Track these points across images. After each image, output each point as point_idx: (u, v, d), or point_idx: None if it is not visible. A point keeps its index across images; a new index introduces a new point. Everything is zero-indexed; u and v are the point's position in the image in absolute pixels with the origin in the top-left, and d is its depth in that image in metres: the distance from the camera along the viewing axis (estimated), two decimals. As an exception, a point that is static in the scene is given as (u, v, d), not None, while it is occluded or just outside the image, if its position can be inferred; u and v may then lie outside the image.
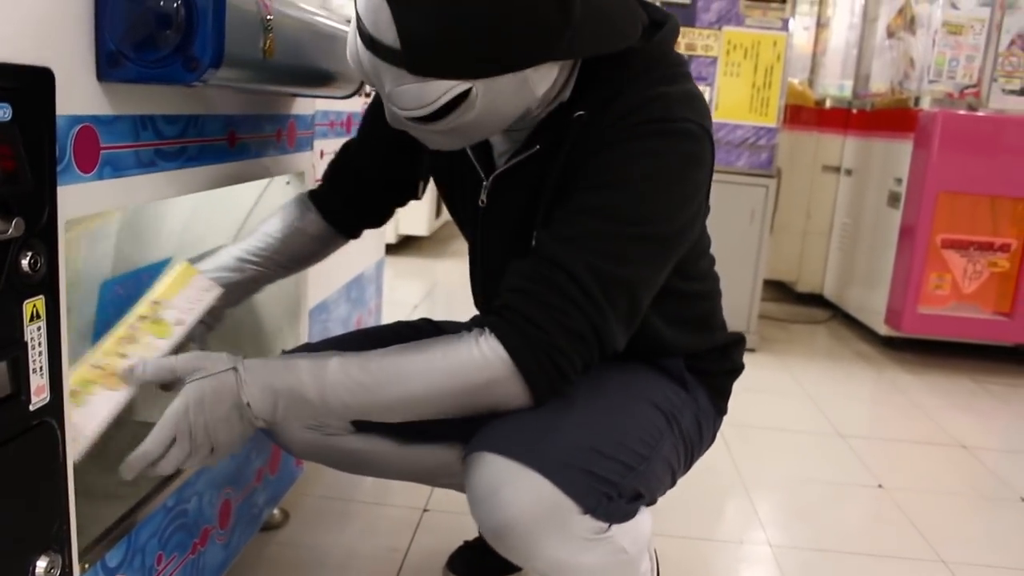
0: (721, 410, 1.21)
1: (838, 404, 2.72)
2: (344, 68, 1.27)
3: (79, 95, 0.77)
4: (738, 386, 1.22)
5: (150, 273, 1.14)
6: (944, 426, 2.58)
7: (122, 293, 1.12)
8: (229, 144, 1.10)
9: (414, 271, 4.48)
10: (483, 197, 1.06)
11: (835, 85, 4.34)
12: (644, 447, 1.01)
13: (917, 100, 3.32)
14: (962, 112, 3.19)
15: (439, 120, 0.86)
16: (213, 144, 1.05)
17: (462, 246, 1.21)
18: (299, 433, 1.17)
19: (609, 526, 0.95)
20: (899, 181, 3.36)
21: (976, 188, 3.20)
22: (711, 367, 1.17)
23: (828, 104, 4.01)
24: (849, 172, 3.92)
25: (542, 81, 0.89)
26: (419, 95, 0.83)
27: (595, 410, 1.00)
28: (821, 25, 4.18)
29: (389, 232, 4.20)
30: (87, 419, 0.86)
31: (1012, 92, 3.33)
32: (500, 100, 0.86)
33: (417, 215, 4.54)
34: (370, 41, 0.82)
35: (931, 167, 3.16)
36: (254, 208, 1.44)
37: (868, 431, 2.56)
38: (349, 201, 1.25)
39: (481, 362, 0.89)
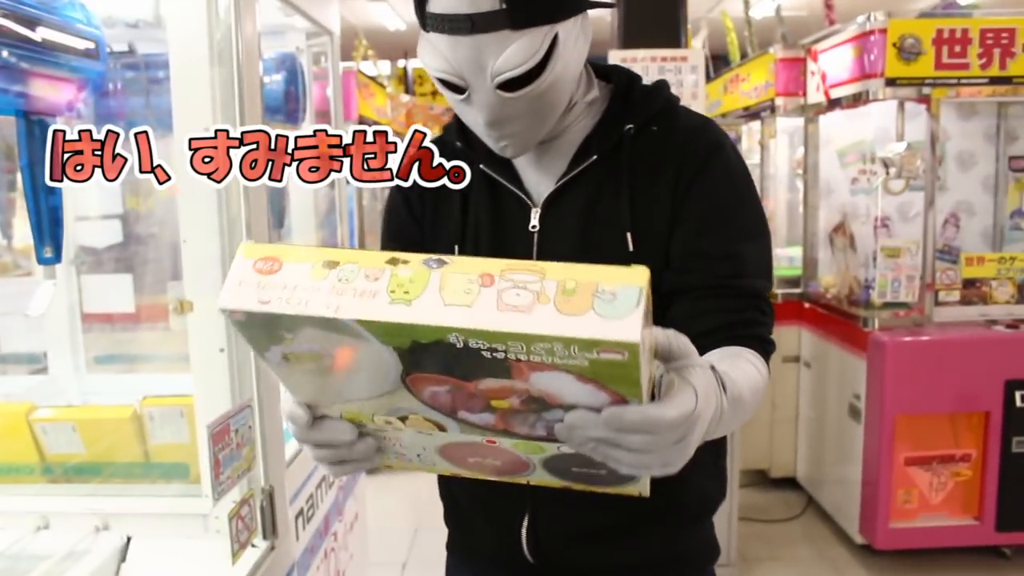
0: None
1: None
2: None
3: None
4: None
5: None
6: None
7: None
8: None
9: (395, 485, 4.49)
10: (534, 222, 1.13)
11: (784, 258, 4.47)
12: None
13: (866, 321, 3.43)
14: (910, 339, 3.30)
15: (538, 77, 0.98)
16: None
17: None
18: None
19: None
20: (858, 397, 3.47)
21: (933, 408, 3.31)
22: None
23: (780, 299, 4.12)
24: (808, 364, 4.03)
25: (587, 41, 1.05)
26: (525, 48, 0.95)
27: None
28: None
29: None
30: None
31: (953, 303, 3.47)
32: (570, 51, 1.00)
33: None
34: (468, 23, 0.93)
35: (887, 393, 3.27)
36: None
37: None
38: None
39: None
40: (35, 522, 1.67)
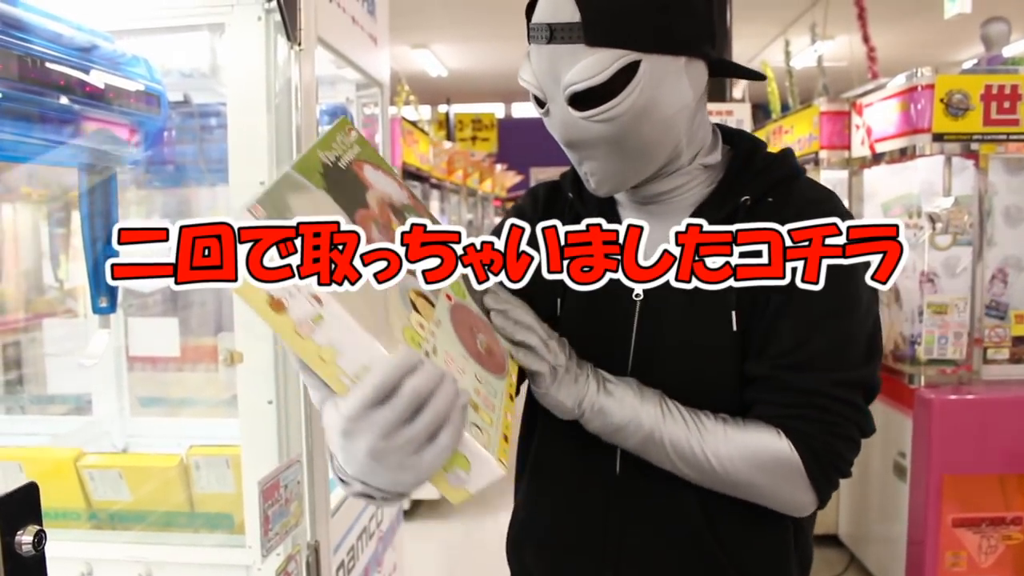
0: None
1: None
2: None
3: None
4: None
5: None
6: None
7: None
8: None
9: (430, 535, 4.48)
10: (639, 291, 1.09)
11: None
12: None
13: (911, 377, 3.36)
14: (957, 397, 3.23)
15: (611, 100, 0.96)
16: None
17: (475, 507, 0.95)
18: None
19: None
20: (903, 455, 3.39)
21: (981, 468, 3.22)
22: None
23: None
24: (851, 420, 3.95)
25: (692, 91, 1.01)
26: (595, 63, 0.95)
27: None
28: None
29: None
30: None
31: (1002, 361, 3.39)
32: (661, 90, 0.98)
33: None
34: (549, 32, 0.96)
35: (934, 452, 3.19)
36: None
37: None
38: None
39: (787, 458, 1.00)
40: (79, 568, 1.68)
